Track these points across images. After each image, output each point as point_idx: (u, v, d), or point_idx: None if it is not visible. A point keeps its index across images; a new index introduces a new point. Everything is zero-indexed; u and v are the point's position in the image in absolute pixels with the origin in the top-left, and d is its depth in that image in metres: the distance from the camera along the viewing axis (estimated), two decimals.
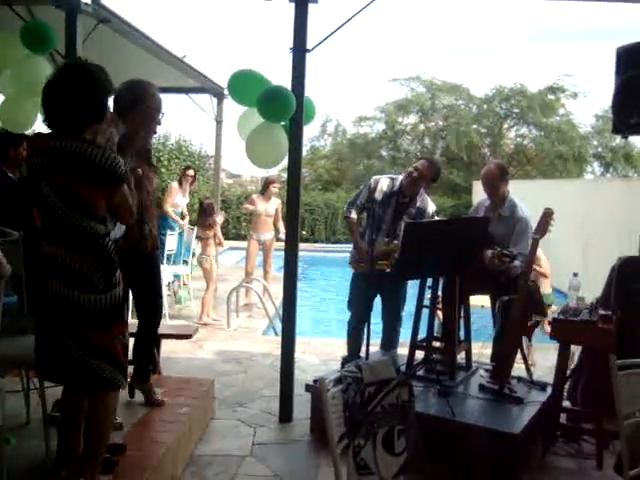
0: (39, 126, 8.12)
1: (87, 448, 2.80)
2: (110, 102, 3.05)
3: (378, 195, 4.82)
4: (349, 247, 5.26)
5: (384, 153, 23.57)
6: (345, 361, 4.98)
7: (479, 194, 5.15)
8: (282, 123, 4.29)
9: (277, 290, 7.03)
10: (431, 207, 4.91)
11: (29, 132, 5.66)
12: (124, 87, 3.50)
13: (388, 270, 4.61)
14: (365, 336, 4.52)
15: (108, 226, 2.72)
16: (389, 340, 4.98)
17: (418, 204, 4.85)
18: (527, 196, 5.25)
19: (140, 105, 3.45)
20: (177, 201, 8.43)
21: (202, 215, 7.62)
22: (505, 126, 22.52)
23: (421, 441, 2.40)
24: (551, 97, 21.25)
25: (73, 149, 2.54)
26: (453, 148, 20.98)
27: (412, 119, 23.06)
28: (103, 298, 2.64)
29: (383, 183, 4.89)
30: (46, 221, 2.67)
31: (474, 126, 21.49)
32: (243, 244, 9.12)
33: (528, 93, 20.99)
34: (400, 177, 4.91)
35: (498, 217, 4.68)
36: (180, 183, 8.60)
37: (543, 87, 21.16)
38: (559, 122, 21.16)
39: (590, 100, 21.43)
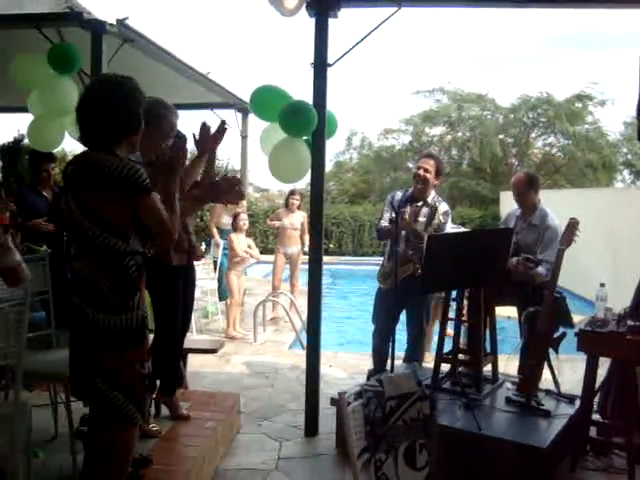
0: (67, 145, 8.29)
1: None
2: None
3: (395, 204, 4.81)
4: (377, 260, 5.25)
5: (410, 165, 23.49)
6: (371, 375, 4.96)
7: (507, 205, 5.16)
8: (304, 138, 4.31)
9: (304, 303, 7.02)
10: (443, 206, 4.86)
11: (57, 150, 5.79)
12: (147, 102, 3.50)
13: (418, 272, 4.54)
14: (390, 350, 4.50)
15: (131, 244, 2.55)
16: (413, 353, 4.95)
17: (430, 205, 4.83)
18: (556, 206, 5.20)
19: (162, 120, 3.44)
20: (223, 221, 8.37)
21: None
22: (532, 135, 22.32)
23: (444, 455, 2.37)
24: (578, 105, 21.03)
25: (92, 160, 2.51)
26: (479, 159, 20.86)
27: (439, 130, 22.99)
28: (118, 320, 2.50)
29: (397, 194, 4.96)
30: (71, 234, 2.62)
31: (501, 136, 21.35)
32: (271, 258, 9.14)
33: (555, 102, 20.79)
34: (412, 187, 4.93)
35: (529, 225, 4.77)
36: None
37: (570, 95, 20.95)
38: (587, 130, 20.93)
39: (618, 107, 21.18)
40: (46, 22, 4.81)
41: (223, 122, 3.61)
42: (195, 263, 4.03)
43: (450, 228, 4.98)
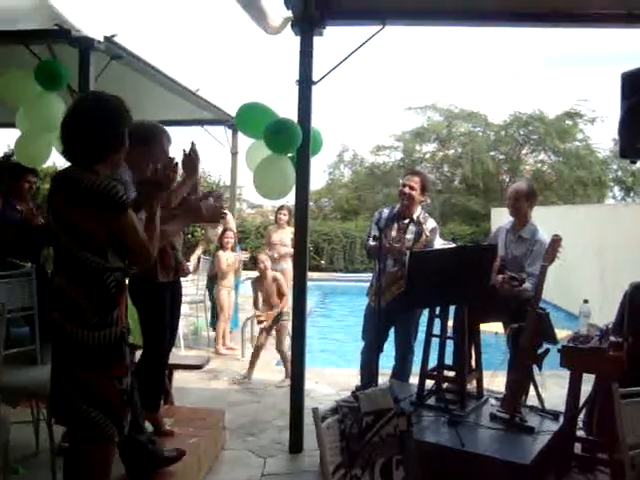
0: (58, 161, 8.29)
1: None
2: None
3: (381, 223, 4.84)
4: (367, 276, 5.26)
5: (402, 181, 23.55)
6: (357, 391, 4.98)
7: (498, 221, 5.20)
8: (289, 154, 4.34)
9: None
10: (430, 222, 4.92)
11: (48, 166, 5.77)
12: (142, 123, 3.49)
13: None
14: (378, 367, 4.51)
15: (110, 260, 2.53)
16: (401, 370, 4.95)
17: (417, 222, 4.87)
18: (546, 222, 5.23)
19: (156, 143, 3.46)
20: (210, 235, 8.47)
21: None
22: (524, 152, 22.47)
23: (421, 472, 2.37)
24: (569, 122, 21.21)
25: (70, 175, 2.51)
26: (470, 175, 20.96)
27: (430, 147, 23.11)
28: (95, 335, 2.48)
29: (384, 211, 5.00)
30: (53, 249, 2.61)
31: (492, 153, 21.47)
32: None
33: (546, 119, 20.96)
34: (398, 205, 4.96)
35: (518, 238, 4.81)
36: None
37: (561, 112, 21.13)
38: (577, 147, 21.10)
39: (608, 124, 21.29)
40: (34, 39, 4.82)
41: (192, 143, 3.56)
42: (185, 279, 4.02)
43: (440, 244, 5.00)
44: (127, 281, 2.80)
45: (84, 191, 2.43)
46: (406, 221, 4.87)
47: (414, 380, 4.52)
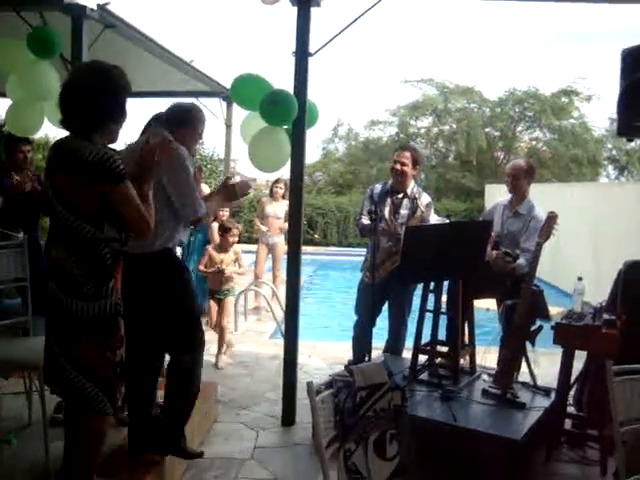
0: (47, 130, 8.19)
1: (70, 467, 2.68)
2: None
3: (375, 197, 4.85)
4: (361, 251, 5.24)
5: None
6: (350, 365, 5.00)
7: (492, 197, 5.21)
8: (285, 127, 4.30)
9: None
10: (425, 198, 4.88)
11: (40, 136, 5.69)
12: (183, 105, 3.59)
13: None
14: (370, 341, 4.53)
15: (106, 231, 2.52)
16: (394, 345, 4.97)
17: (411, 197, 4.84)
18: (540, 199, 5.23)
19: (194, 122, 3.49)
20: None
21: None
22: (519, 129, 22.40)
23: (415, 446, 2.38)
24: (565, 100, 21.12)
25: (68, 146, 2.51)
26: (465, 151, 20.92)
27: (425, 122, 23.02)
28: (91, 306, 2.49)
29: (377, 187, 4.97)
30: (50, 220, 2.61)
31: (487, 129, 21.41)
32: (254, 247, 9.11)
33: (541, 96, 20.88)
34: (391, 180, 4.93)
35: (515, 214, 4.83)
36: None
37: (556, 90, 21.04)
38: (573, 125, 21.05)
39: (604, 103, 21.26)
40: (26, 5, 4.74)
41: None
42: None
43: (435, 220, 4.99)
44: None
45: (81, 161, 2.42)
46: (400, 196, 4.84)
47: (407, 355, 4.54)
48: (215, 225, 7.22)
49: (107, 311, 2.53)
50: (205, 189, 6.64)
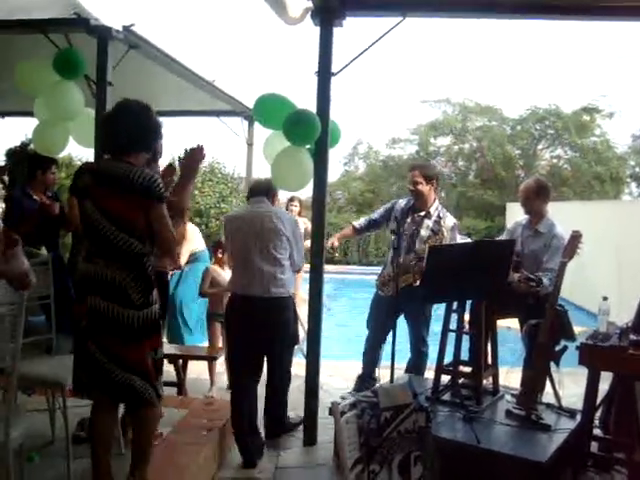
0: (71, 150, 8.29)
1: (135, 462, 3.00)
2: None
3: (397, 214, 4.93)
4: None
5: None
6: (359, 379, 5.16)
7: (513, 216, 5.20)
8: (307, 146, 4.31)
9: (306, 312, 6.99)
10: (450, 220, 4.97)
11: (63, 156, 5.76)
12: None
13: (417, 283, 4.63)
14: (390, 360, 4.53)
15: (147, 246, 2.84)
16: (415, 364, 4.95)
17: (434, 217, 4.92)
18: (562, 218, 5.20)
19: None
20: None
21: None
22: (540, 147, 22.32)
23: (439, 468, 2.35)
24: (586, 117, 21.01)
25: (114, 168, 2.78)
26: (486, 169, 20.86)
27: (445, 141, 23.01)
28: (141, 314, 2.79)
29: (400, 202, 5.09)
30: (90, 237, 2.85)
31: (508, 147, 21.34)
32: None
33: (563, 114, 20.79)
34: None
35: (535, 232, 4.81)
36: None
37: (578, 107, 20.95)
38: (595, 143, 20.91)
39: (626, 119, 21.17)
40: (53, 27, 4.82)
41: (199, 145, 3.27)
42: None
43: (458, 239, 5.01)
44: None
45: (131, 181, 2.72)
46: (422, 213, 4.89)
47: (430, 375, 4.50)
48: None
49: (152, 317, 2.85)
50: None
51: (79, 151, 10.13)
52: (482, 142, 21.26)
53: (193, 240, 6.33)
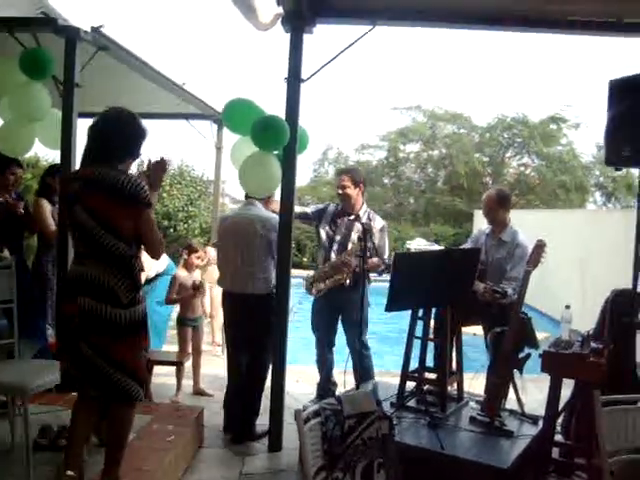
0: (36, 149, 8.17)
1: (108, 458, 3.06)
2: None
3: (329, 216, 5.11)
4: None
5: (386, 181, 23.68)
6: (318, 386, 5.28)
7: (481, 223, 5.26)
8: (275, 152, 4.31)
9: None
10: (379, 222, 5.12)
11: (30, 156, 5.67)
12: None
13: (347, 281, 4.84)
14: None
15: (133, 248, 2.98)
16: (360, 366, 4.99)
17: (364, 220, 5.00)
18: (528, 226, 5.28)
19: None
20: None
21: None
22: (508, 155, 22.62)
23: (402, 475, 2.36)
24: (553, 127, 21.37)
25: (105, 175, 2.90)
26: (454, 176, 21.08)
27: (415, 147, 23.21)
28: (127, 313, 2.92)
29: (332, 206, 5.23)
30: (80, 240, 2.98)
31: (476, 155, 21.59)
32: None
33: (530, 123, 21.11)
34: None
35: (499, 241, 4.88)
36: None
37: (545, 117, 21.29)
38: (561, 152, 21.26)
39: (592, 130, 21.53)
40: (19, 27, 4.74)
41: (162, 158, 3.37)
42: None
43: (423, 246, 5.08)
44: None
45: (120, 187, 2.86)
46: (352, 217, 5.05)
47: (395, 381, 4.52)
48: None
49: (140, 316, 3.00)
50: None
51: (45, 152, 9.98)
52: (451, 149, 21.47)
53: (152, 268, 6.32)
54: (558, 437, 4.17)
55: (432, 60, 33.58)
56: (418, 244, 15.46)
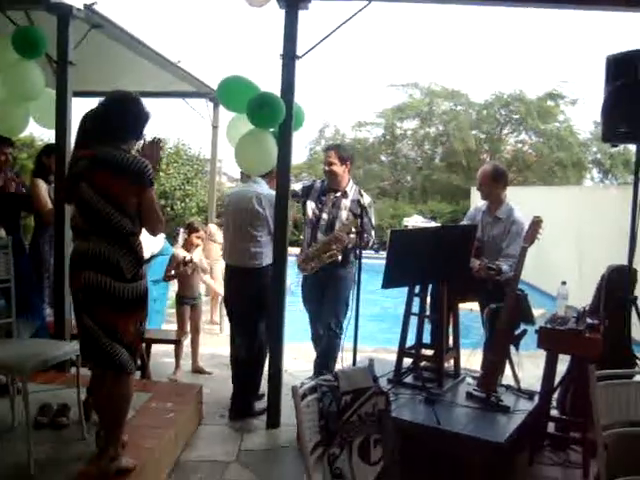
0: (32, 129, 8.13)
1: (108, 431, 3.13)
2: None
3: (316, 194, 5.07)
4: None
5: (383, 158, 23.62)
6: (316, 364, 5.16)
7: (477, 199, 5.22)
8: (271, 129, 4.29)
9: None
10: (366, 199, 4.98)
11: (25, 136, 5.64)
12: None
13: (339, 257, 4.81)
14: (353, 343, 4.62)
15: (136, 225, 3.09)
16: (328, 347, 4.99)
17: (351, 197, 4.97)
18: (525, 202, 5.28)
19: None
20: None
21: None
22: (505, 132, 22.54)
23: (399, 450, 2.39)
24: (550, 103, 21.27)
25: (112, 155, 3.01)
26: (452, 153, 21.03)
27: (412, 124, 23.11)
28: (131, 287, 3.03)
29: (318, 183, 5.18)
30: (85, 217, 3.06)
31: (474, 132, 21.52)
32: None
33: (527, 99, 21.02)
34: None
35: (494, 219, 4.84)
36: None
37: (542, 93, 21.18)
38: (558, 128, 21.18)
39: (589, 106, 21.47)
40: (11, 4, 4.70)
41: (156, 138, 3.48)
42: None
43: (420, 223, 5.09)
44: None
45: (126, 166, 2.98)
46: (338, 194, 4.98)
47: (392, 357, 4.55)
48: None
49: (142, 290, 3.10)
50: None
51: (41, 131, 9.93)
52: (448, 126, 21.39)
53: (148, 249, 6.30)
54: (554, 412, 4.21)
55: (429, 36, 33.41)
56: (415, 221, 15.48)
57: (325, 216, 4.96)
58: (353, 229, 4.72)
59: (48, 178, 5.15)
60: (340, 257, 4.82)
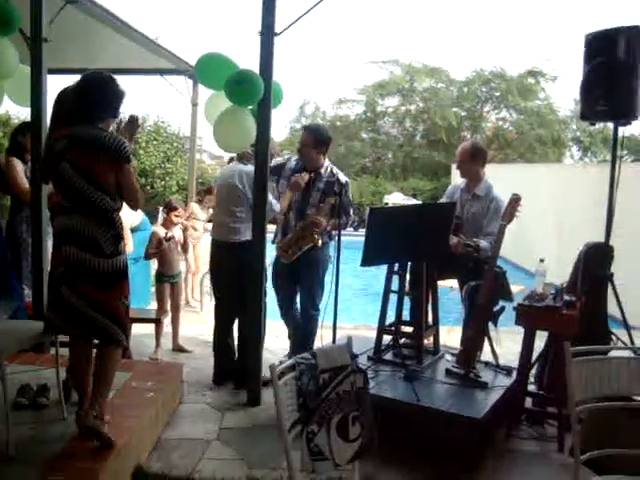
0: (10, 109, 8.01)
1: (95, 394, 3.19)
2: None
3: (286, 172, 4.95)
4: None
5: (364, 135, 23.58)
6: (292, 344, 5.23)
7: (458, 177, 5.22)
8: (250, 107, 4.26)
9: None
10: (342, 177, 4.90)
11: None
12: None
13: (320, 242, 4.70)
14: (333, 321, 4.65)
15: (116, 202, 3.18)
16: (306, 328, 5.02)
17: (325, 178, 4.88)
18: (504, 179, 5.29)
19: None
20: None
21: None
22: (486, 109, 22.58)
23: (377, 427, 2.41)
24: (531, 81, 21.33)
25: (90, 133, 3.12)
26: (433, 130, 21.04)
27: (393, 101, 23.08)
28: (110, 262, 3.14)
29: (292, 162, 5.03)
30: (66, 194, 3.14)
31: (454, 109, 21.52)
32: None
33: (508, 76, 21.05)
34: None
35: (473, 197, 4.84)
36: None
37: (523, 71, 21.22)
38: (539, 106, 21.26)
39: (570, 84, 21.58)
40: None
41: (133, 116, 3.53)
42: None
43: (401, 200, 5.07)
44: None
45: (104, 144, 3.08)
46: (312, 174, 4.88)
47: (372, 334, 4.58)
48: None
49: (122, 265, 3.22)
50: None
51: (17, 109, 9.80)
52: (429, 103, 21.38)
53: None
54: (531, 387, 4.27)
55: (410, 13, 33.23)
56: (396, 198, 15.50)
57: (296, 197, 4.85)
58: (328, 210, 4.67)
59: (24, 157, 5.08)
60: (320, 241, 4.69)
